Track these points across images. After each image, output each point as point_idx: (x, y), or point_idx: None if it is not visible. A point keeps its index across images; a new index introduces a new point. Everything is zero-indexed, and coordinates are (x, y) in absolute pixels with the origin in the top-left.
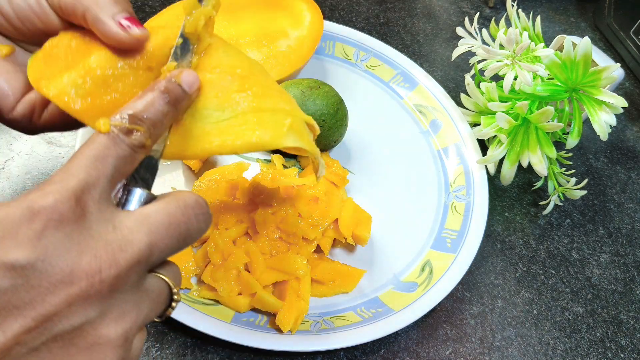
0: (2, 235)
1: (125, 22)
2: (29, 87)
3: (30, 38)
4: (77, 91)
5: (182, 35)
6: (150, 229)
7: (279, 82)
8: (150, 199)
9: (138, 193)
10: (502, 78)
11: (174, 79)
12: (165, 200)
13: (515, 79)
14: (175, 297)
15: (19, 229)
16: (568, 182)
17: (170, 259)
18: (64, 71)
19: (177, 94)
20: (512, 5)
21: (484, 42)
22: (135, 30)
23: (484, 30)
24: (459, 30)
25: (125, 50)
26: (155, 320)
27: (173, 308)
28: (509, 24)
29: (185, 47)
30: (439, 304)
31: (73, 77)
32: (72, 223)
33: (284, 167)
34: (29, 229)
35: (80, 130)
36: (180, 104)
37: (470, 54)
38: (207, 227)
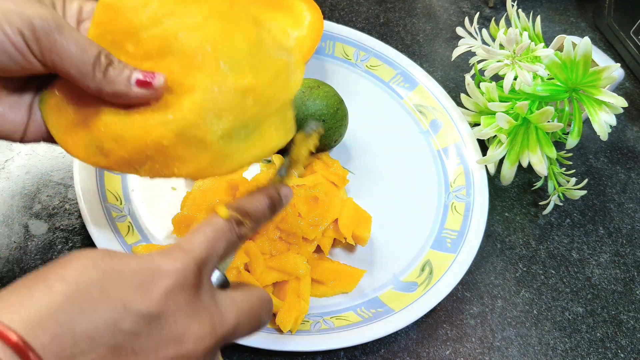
0: (139, 285)
1: (142, 77)
2: (32, 111)
3: (18, 76)
4: (101, 151)
5: (288, 159)
6: (238, 312)
7: None
8: (225, 281)
9: (217, 274)
10: (502, 78)
11: (278, 190)
12: (247, 291)
13: (515, 79)
14: None
15: (153, 283)
16: (568, 182)
17: None
18: (81, 128)
19: (276, 202)
20: (512, 5)
21: (484, 42)
22: (158, 81)
23: (484, 30)
24: (459, 30)
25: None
26: None
27: None
28: (509, 24)
29: (288, 166)
30: (439, 304)
31: (91, 140)
32: (192, 289)
33: None
34: (161, 286)
35: None
36: (276, 211)
37: (470, 54)
38: (269, 320)
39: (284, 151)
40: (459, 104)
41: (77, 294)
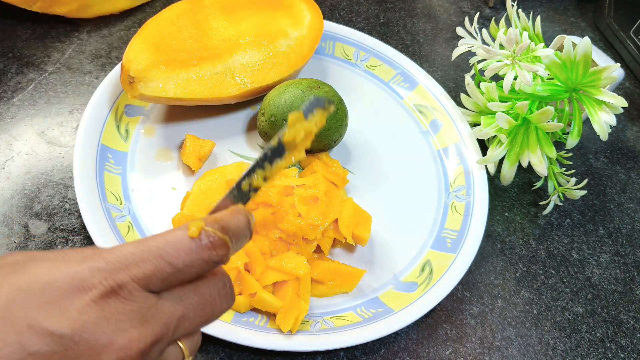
0: (49, 301)
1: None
2: None
3: None
4: None
5: (279, 141)
6: (185, 306)
7: (279, 82)
8: None
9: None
10: (502, 78)
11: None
12: (196, 282)
13: (515, 79)
14: None
15: (67, 299)
16: (568, 182)
17: None
18: None
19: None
20: (512, 5)
21: (484, 42)
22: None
23: (484, 30)
24: (459, 30)
25: None
26: None
27: None
28: (509, 24)
29: (278, 151)
30: (439, 304)
31: None
32: (118, 302)
33: None
34: (77, 302)
35: (80, 130)
36: (251, 234)
37: (470, 54)
38: (229, 307)
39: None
40: (459, 104)
41: None
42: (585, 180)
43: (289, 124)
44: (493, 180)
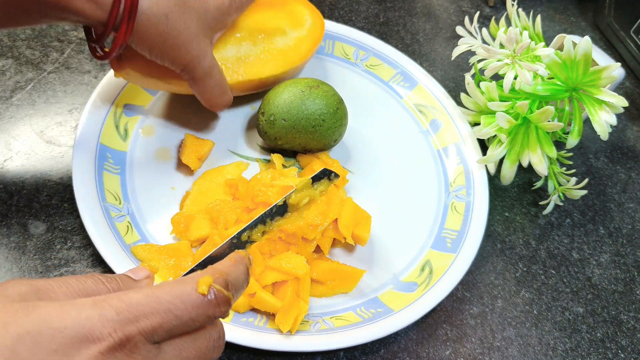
0: (58, 349)
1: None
2: None
3: None
4: None
5: (285, 201)
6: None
7: (274, 77)
8: None
9: None
10: (502, 77)
11: (248, 257)
12: (195, 334)
13: (515, 78)
14: None
15: (75, 349)
16: (568, 181)
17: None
18: None
19: (248, 271)
20: (512, 5)
21: (484, 42)
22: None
23: (484, 30)
24: (459, 30)
25: None
26: None
27: None
28: (509, 23)
29: (281, 210)
30: (439, 304)
31: None
32: (123, 355)
33: (283, 166)
34: (85, 353)
35: (79, 130)
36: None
37: (470, 53)
38: (218, 356)
39: (283, 151)
40: (459, 103)
41: None
42: (586, 180)
43: (297, 189)
44: (493, 180)
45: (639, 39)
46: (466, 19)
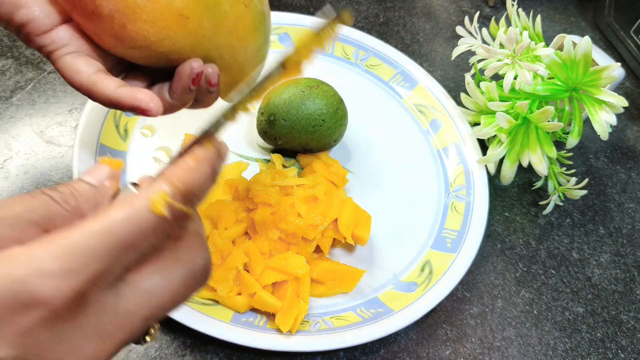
0: None
1: None
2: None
3: None
4: None
5: (282, 63)
6: (151, 311)
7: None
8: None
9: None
10: (502, 77)
11: (219, 148)
12: (168, 270)
13: (515, 78)
14: (150, 332)
15: (6, 321)
16: (568, 181)
17: None
18: None
19: (217, 168)
20: (512, 5)
21: (484, 42)
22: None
23: (484, 30)
24: (459, 30)
25: None
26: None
27: (145, 342)
28: (509, 23)
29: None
30: (439, 304)
31: None
32: (67, 320)
33: (283, 166)
34: (18, 324)
35: (79, 130)
36: (215, 179)
37: (470, 53)
38: (202, 286)
39: (283, 151)
40: (459, 103)
41: None
42: (586, 180)
43: (297, 47)
44: (493, 180)
45: (639, 39)
46: (466, 19)
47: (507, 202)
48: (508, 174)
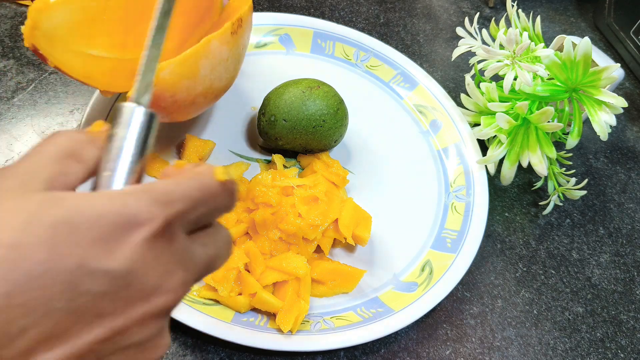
0: (100, 238)
1: None
2: None
3: None
4: None
5: None
6: (208, 258)
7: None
8: (151, 115)
9: (142, 111)
10: (502, 78)
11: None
12: (215, 235)
13: (515, 79)
14: None
15: (119, 236)
16: (568, 182)
17: None
18: None
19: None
20: (512, 6)
21: (484, 42)
22: None
23: (484, 31)
24: (459, 31)
25: None
26: None
27: None
28: (509, 24)
29: None
30: (439, 304)
31: None
32: (163, 245)
33: (284, 167)
34: (130, 240)
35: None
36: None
37: (470, 54)
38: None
39: (284, 152)
40: (459, 104)
41: (18, 259)
42: (585, 181)
43: None
44: (493, 180)
45: (638, 40)
46: (466, 19)
47: (507, 202)
48: (508, 174)
